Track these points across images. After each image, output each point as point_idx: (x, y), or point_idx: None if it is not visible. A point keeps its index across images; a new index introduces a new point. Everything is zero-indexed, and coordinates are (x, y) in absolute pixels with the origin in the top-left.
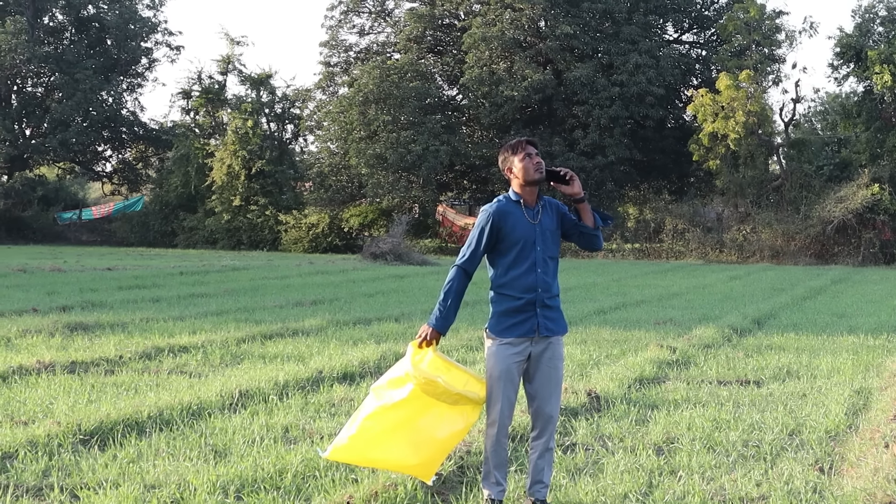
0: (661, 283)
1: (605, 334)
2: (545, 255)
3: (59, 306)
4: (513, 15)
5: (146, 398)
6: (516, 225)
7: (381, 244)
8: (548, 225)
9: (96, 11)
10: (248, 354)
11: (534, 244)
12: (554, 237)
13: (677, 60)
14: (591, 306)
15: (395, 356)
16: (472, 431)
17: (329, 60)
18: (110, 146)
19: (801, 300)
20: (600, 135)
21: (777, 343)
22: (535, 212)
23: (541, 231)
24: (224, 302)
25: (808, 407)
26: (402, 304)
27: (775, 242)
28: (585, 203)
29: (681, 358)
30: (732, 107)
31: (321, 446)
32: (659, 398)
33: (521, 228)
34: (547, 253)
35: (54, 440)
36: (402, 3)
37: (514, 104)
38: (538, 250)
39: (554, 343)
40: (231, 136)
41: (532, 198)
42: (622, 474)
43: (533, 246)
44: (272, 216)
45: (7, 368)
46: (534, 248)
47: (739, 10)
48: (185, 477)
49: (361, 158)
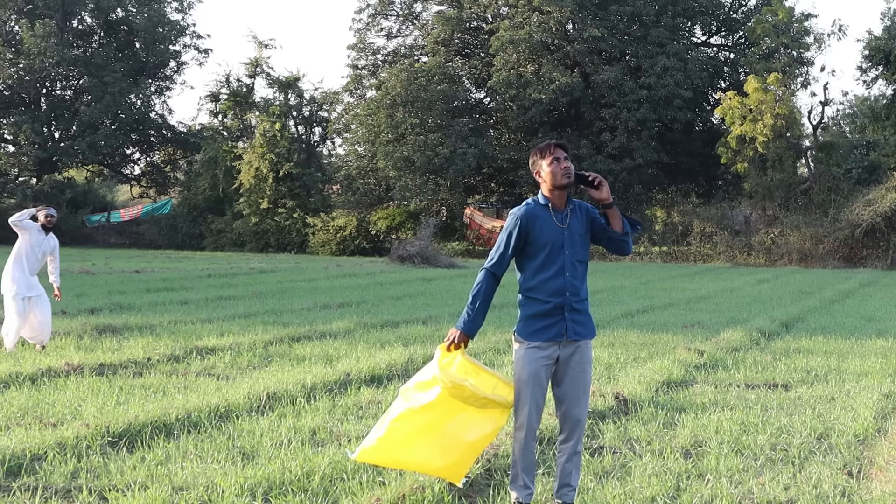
0: (689, 286)
1: (633, 337)
2: (574, 258)
3: (88, 308)
4: (540, 18)
5: (174, 400)
6: (545, 228)
7: (408, 247)
8: (577, 228)
9: (125, 14)
10: (276, 357)
11: (562, 248)
12: (583, 241)
13: (705, 63)
14: (618, 309)
15: (423, 359)
16: (499, 434)
17: (357, 63)
18: (139, 149)
19: (829, 303)
20: (628, 138)
21: (805, 346)
22: (563, 215)
23: (569, 235)
24: (252, 304)
25: (837, 410)
26: (430, 307)
27: (803, 245)
28: (614, 208)
29: (709, 361)
30: (761, 110)
31: (349, 448)
32: (687, 401)
33: (550, 232)
34: (575, 256)
35: (83, 442)
36: (430, 5)
37: (541, 107)
38: (567, 254)
39: (582, 347)
40: (259, 138)
41: (561, 201)
42: (650, 478)
43: (561, 249)
44: (300, 219)
45: (36, 370)
46: (562, 251)
47: (768, 13)
48: (212, 479)
49: (389, 161)
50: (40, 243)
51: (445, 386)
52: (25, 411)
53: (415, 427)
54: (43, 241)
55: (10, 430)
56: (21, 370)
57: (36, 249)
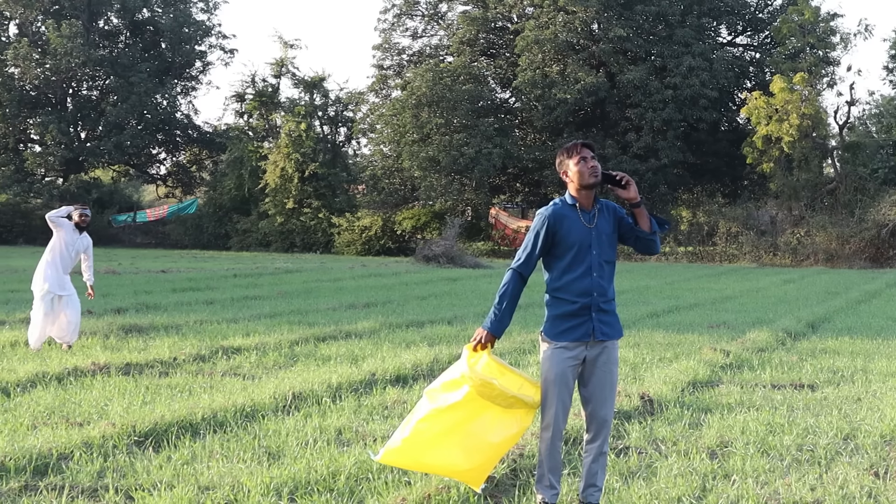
0: (715, 286)
1: (659, 337)
2: (601, 258)
3: (114, 308)
4: (566, 18)
5: (200, 400)
6: (572, 228)
7: (433, 247)
8: (604, 228)
9: (151, 15)
10: (302, 356)
11: (589, 248)
12: (610, 241)
13: (731, 63)
14: (644, 309)
15: (448, 359)
16: (524, 435)
17: (382, 63)
18: (164, 149)
19: (855, 304)
20: (653, 138)
21: (831, 347)
22: (591, 215)
23: (597, 235)
24: (277, 304)
25: (863, 411)
26: (455, 307)
27: (829, 246)
28: (642, 207)
29: (734, 361)
30: (786, 109)
31: (373, 449)
32: (712, 402)
33: (577, 232)
34: (603, 257)
35: (109, 441)
36: (455, 6)
37: (566, 107)
38: (594, 254)
39: (609, 347)
40: (284, 138)
41: (588, 201)
42: (675, 478)
43: (589, 250)
44: (325, 219)
45: (62, 370)
46: (589, 251)
47: (794, 13)
48: (238, 479)
49: (414, 161)
50: (74, 242)
51: (474, 384)
52: (52, 411)
53: (441, 427)
54: (77, 239)
55: (36, 429)
56: (48, 370)
57: (70, 248)
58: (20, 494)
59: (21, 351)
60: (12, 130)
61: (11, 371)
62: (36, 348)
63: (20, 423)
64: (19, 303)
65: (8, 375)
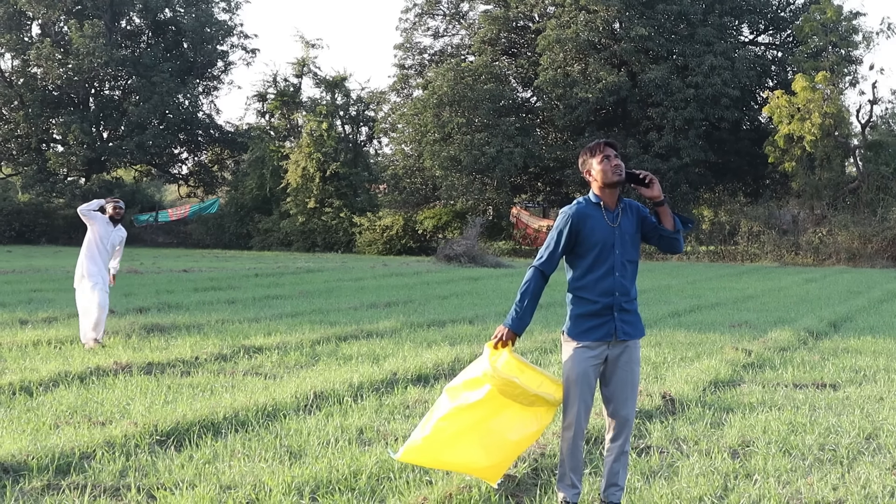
0: (736, 285)
1: (680, 337)
2: (624, 258)
3: (136, 308)
4: (587, 17)
5: (222, 399)
6: (595, 228)
7: (455, 246)
8: (627, 228)
9: (173, 15)
10: (323, 356)
11: (612, 247)
12: (633, 240)
13: (753, 62)
14: (665, 308)
15: (470, 358)
16: (545, 434)
17: (403, 63)
18: (186, 149)
19: (877, 303)
20: (675, 137)
21: (853, 346)
22: (615, 214)
23: (620, 234)
24: (299, 304)
25: (886, 410)
26: (476, 307)
27: (852, 245)
28: (665, 206)
29: (756, 361)
30: (808, 108)
31: (394, 448)
32: (734, 401)
33: (601, 231)
34: (626, 256)
35: (131, 441)
36: (477, 5)
37: (588, 106)
38: (617, 254)
39: (631, 346)
40: (306, 138)
41: (612, 200)
42: (697, 477)
43: (612, 249)
44: (346, 218)
45: (85, 369)
46: (612, 251)
47: (816, 12)
48: (260, 478)
49: (436, 161)
50: (108, 234)
51: (496, 383)
52: (74, 410)
53: (461, 425)
54: (111, 232)
55: (59, 428)
56: (70, 369)
57: (105, 241)
58: (43, 493)
59: (43, 350)
60: (35, 130)
61: (34, 370)
62: (88, 345)
63: (43, 422)
64: (41, 302)
65: (31, 375)
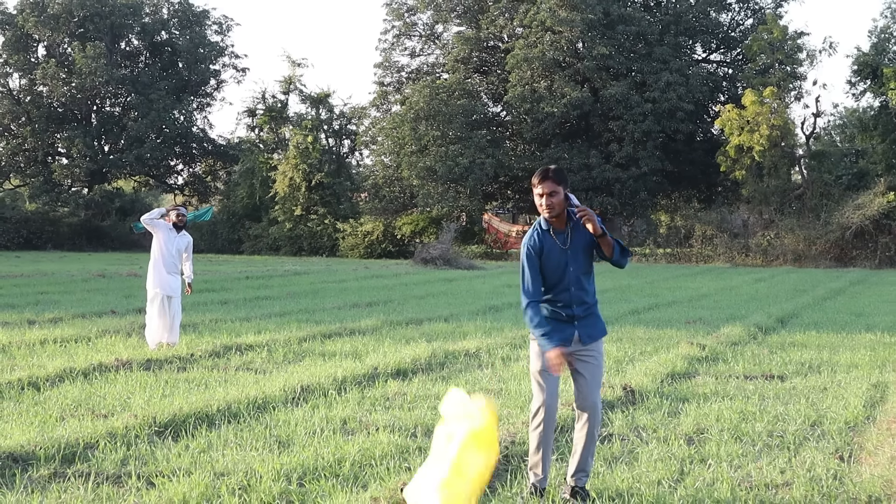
0: (691, 285)
1: (640, 333)
2: (577, 273)
3: (136, 308)
4: (553, 37)
5: (215, 393)
6: (550, 252)
7: (431, 250)
8: (579, 243)
9: (169, 37)
10: (309, 352)
11: (566, 266)
12: (586, 253)
13: (705, 78)
14: (626, 307)
15: (445, 353)
16: (516, 423)
17: (383, 80)
18: (182, 161)
19: (821, 300)
20: (634, 148)
21: (799, 340)
22: (565, 235)
23: (573, 253)
24: (287, 304)
25: (829, 400)
26: (451, 306)
27: (797, 247)
28: (606, 237)
29: (710, 354)
30: (757, 121)
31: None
32: (689, 392)
33: (555, 255)
34: (579, 271)
35: (132, 432)
36: (450, 27)
37: (554, 120)
38: (570, 271)
39: (594, 344)
40: (293, 150)
41: (560, 223)
42: (655, 462)
43: (566, 268)
44: (331, 224)
45: (88, 365)
46: (567, 269)
47: (764, 32)
48: (251, 465)
49: (413, 171)
50: (173, 241)
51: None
52: (79, 403)
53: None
54: (175, 238)
55: (64, 420)
56: (74, 365)
57: (170, 247)
58: (50, 481)
59: (50, 348)
60: (41, 144)
61: (41, 367)
62: (152, 348)
63: (49, 415)
64: (48, 304)
65: (38, 371)
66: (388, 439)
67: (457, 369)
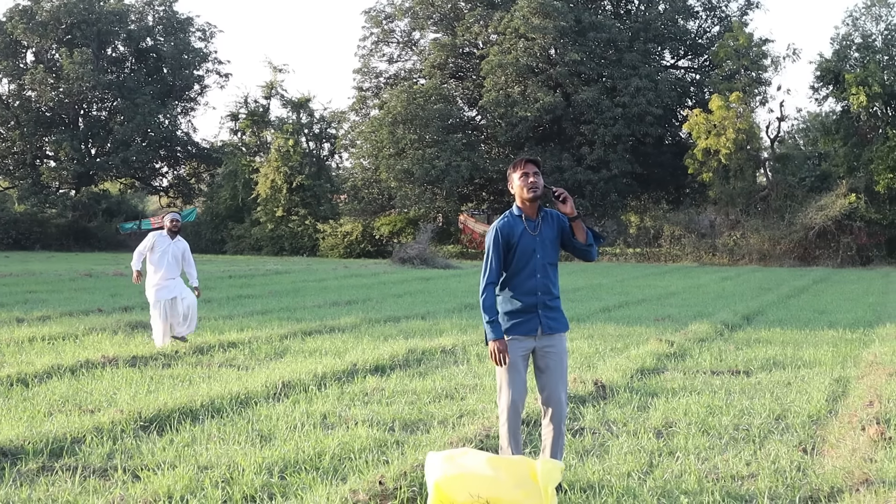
0: (660, 283)
1: (610, 330)
2: (545, 261)
3: (122, 307)
4: (526, 44)
5: (199, 389)
6: (520, 237)
7: (408, 250)
8: (547, 234)
9: (154, 43)
10: (290, 349)
11: (534, 252)
12: (553, 245)
13: (674, 84)
14: (596, 304)
15: (423, 350)
16: (490, 417)
17: (361, 85)
18: (166, 163)
19: (785, 298)
20: (605, 151)
21: (764, 337)
22: (535, 223)
23: (541, 241)
24: (268, 302)
25: (793, 394)
26: (428, 304)
27: (763, 246)
28: (578, 221)
29: (678, 351)
30: (724, 125)
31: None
32: (658, 387)
33: (524, 240)
34: (546, 259)
35: (117, 426)
36: (427, 34)
37: (527, 124)
38: (538, 257)
39: (557, 338)
40: (274, 153)
41: (532, 211)
42: (625, 455)
43: (533, 254)
44: (311, 225)
45: (76, 362)
46: (534, 255)
47: (730, 39)
48: (234, 459)
49: (391, 173)
50: (168, 247)
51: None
52: (66, 399)
53: None
54: (171, 244)
55: (52, 416)
56: (62, 362)
57: (167, 254)
58: (38, 475)
59: (38, 345)
60: (30, 147)
61: (29, 364)
62: (161, 345)
63: (37, 410)
64: (36, 302)
65: (26, 368)
66: (367, 433)
67: (433, 365)
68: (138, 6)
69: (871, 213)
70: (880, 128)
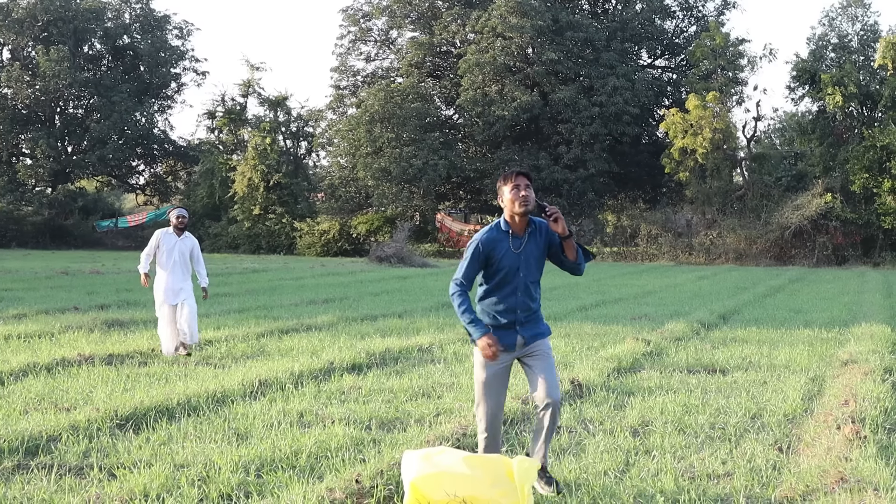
0: (637, 282)
1: (587, 328)
2: (527, 280)
3: (98, 305)
4: (503, 43)
5: (176, 387)
6: (502, 253)
7: (385, 248)
8: (532, 251)
9: (131, 41)
10: (267, 348)
11: (517, 271)
12: (538, 262)
13: (651, 83)
14: (574, 303)
15: (399, 349)
16: (467, 415)
17: (339, 84)
18: (143, 161)
19: (762, 297)
20: (582, 150)
21: (740, 336)
22: (521, 241)
23: (525, 259)
24: (245, 301)
25: (769, 393)
26: (405, 302)
27: (739, 246)
28: (570, 240)
29: (654, 349)
30: (700, 125)
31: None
32: (635, 385)
33: (507, 258)
34: (529, 278)
35: (94, 425)
36: (405, 32)
37: (504, 123)
38: (521, 276)
39: (539, 343)
40: (251, 152)
41: (520, 227)
42: (602, 454)
43: (517, 272)
44: (288, 223)
45: (51, 360)
46: (517, 274)
47: (706, 38)
48: (210, 457)
49: (368, 172)
50: (175, 245)
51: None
52: (42, 397)
53: None
54: (177, 242)
55: (28, 414)
56: (38, 360)
57: (173, 252)
58: (13, 473)
59: (14, 343)
60: (5, 145)
61: (5, 362)
62: (168, 353)
63: (13, 408)
64: (12, 300)
65: (1, 366)
66: (344, 432)
67: (410, 364)
68: (115, 4)
69: (847, 212)
70: (856, 128)
